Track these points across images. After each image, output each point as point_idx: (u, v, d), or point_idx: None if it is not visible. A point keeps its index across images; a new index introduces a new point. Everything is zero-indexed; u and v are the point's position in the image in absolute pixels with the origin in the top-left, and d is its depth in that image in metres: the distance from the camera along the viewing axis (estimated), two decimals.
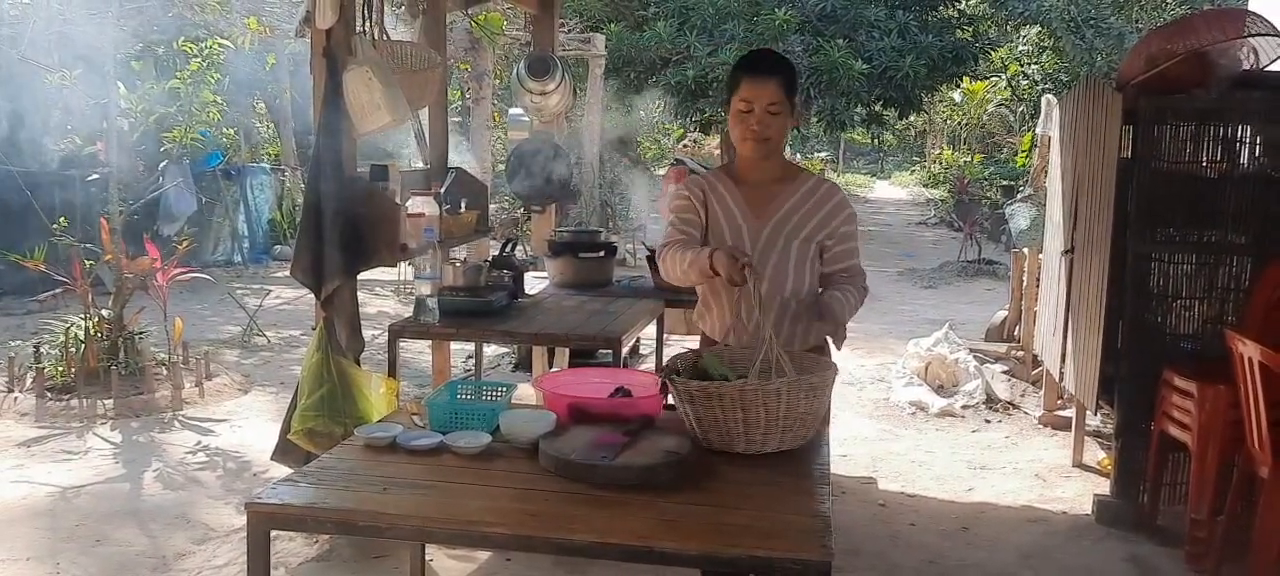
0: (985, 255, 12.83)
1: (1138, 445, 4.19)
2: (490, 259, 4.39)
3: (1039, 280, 6.05)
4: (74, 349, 5.94)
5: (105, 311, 6.13)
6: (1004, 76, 18.79)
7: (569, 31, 10.90)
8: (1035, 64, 17.60)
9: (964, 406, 5.95)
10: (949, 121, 24.17)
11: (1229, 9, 8.29)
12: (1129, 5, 14.75)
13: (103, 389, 5.76)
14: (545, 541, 1.98)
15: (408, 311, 4.09)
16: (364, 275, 4.12)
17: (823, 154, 27.55)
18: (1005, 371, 6.55)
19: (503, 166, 8.42)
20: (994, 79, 19.24)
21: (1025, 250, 7.02)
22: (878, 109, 13.09)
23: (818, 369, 2.44)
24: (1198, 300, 4.18)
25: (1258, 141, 4.16)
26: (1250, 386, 3.40)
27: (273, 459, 3.94)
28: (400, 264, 5.57)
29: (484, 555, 3.74)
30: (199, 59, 7.03)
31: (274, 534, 2.33)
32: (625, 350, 4.18)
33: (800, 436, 2.34)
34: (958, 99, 21.36)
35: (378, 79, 3.61)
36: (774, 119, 2.70)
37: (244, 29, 9.12)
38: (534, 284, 4.70)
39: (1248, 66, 4.24)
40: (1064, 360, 4.93)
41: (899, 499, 4.59)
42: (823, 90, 11.58)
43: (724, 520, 1.97)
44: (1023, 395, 6.20)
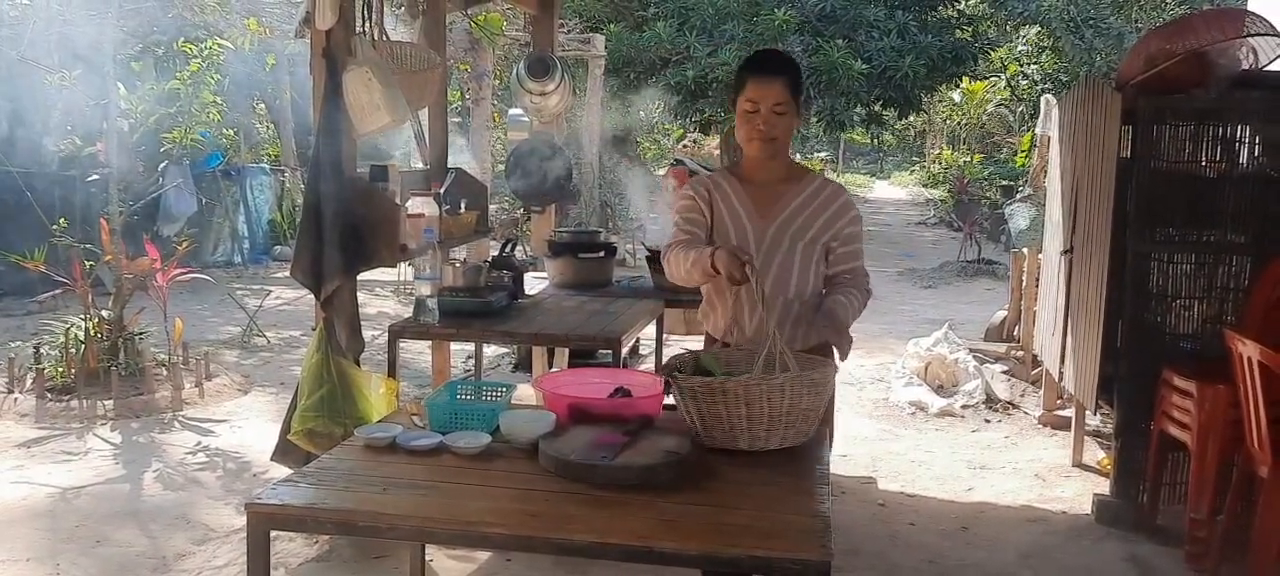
0: (985, 255, 12.83)
1: (1137, 445, 4.20)
2: (490, 259, 4.40)
3: (1038, 280, 6.06)
4: (74, 349, 5.94)
5: (105, 312, 6.13)
6: (1003, 76, 18.80)
7: (569, 32, 10.90)
8: (1034, 64, 17.60)
9: (964, 406, 5.95)
10: (948, 121, 24.18)
11: (1228, 9, 8.29)
12: (1128, 5, 14.74)
13: (103, 389, 5.76)
14: (545, 541, 1.99)
15: (407, 312, 4.09)
16: (364, 276, 4.13)
17: (822, 154, 27.55)
18: (1005, 371, 6.55)
19: (502, 167, 8.42)
20: (993, 79, 19.25)
21: (1025, 250, 7.02)
22: (877, 109, 13.08)
23: (819, 366, 2.44)
24: (1197, 300, 4.19)
25: (1257, 141, 4.16)
26: (1250, 386, 3.40)
27: (273, 459, 3.94)
28: (400, 264, 5.57)
29: (484, 555, 3.75)
30: (199, 60, 7.02)
31: (274, 534, 2.33)
32: (625, 350, 4.18)
33: (803, 433, 2.35)
34: (957, 99, 21.37)
35: (377, 79, 3.61)
36: (779, 119, 2.70)
37: (244, 30, 9.12)
38: (534, 284, 4.71)
39: (1247, 66, 4.24)
40: (1063, 360, 4.94)
41: (899, 499, 4.59)
42: (822, 90, 11.57)
43: (724, 520, 1.98)
44: (1022, 395, 6.20)
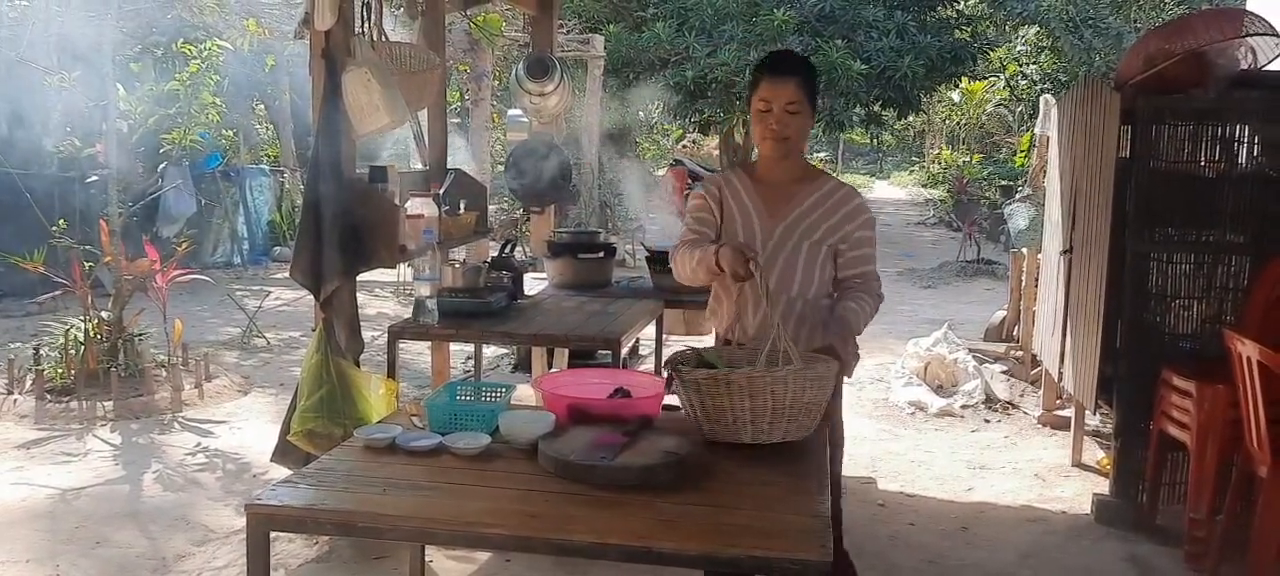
0: (984, 255, 12.84)
1: (1136, 445, 4.20)
2: (489, 260, 4.40)
3: (1038, 280, 6.06)
4: (73, 351, 5.94)
5: (105, 313, 6.13)
6: (1002, 76, 18.81)
7: (568, 32, 10.91)
8: (1034, 64, 17.62)
9: (963, 406, 5.95)
10: (948, 122, 24.19)
11: (1227, 9, 8.31)
12: (1127, 5, 14.76)
13: (102, 391, 5.76)
14: (545, 542, 1.98)
15: (407, 312, 4.09)
16: (363, 276, 4.13)
17: (822, 154, 27.54)
18: (1004, 371, 6.55)
19: (502, 167, 8.42)
20: (992, 79, 19.26)
21: (1024, 250, 7.02)
22: (876, 109, 13.07)
23: (822, 361, 2.44)
24: (1196, 299, 4.19)
25: (1256, 141, 4.17)
26: (1249, 385, 3.41)
27: (272, 460, 3.94)
28: (399, 265, 5.56)
29: (484, 556, 3.74)
30: (198, 61, 7.02)
31: (274, 535, 2.33)
32: (624, 351, 4.18)
33: (805, 427, 2.34)
34: (956, 99, 21.38)
35: (377, 80, 3.62)
36: (793, 118, 2.70)
37: (243, 31, 9.12)
38: (533, 285, 4.71)
39: (1246, 66, 4.25)
40: (1063, 360, 4.94)
41: (898, 499, 4.59)
42: (821, 91, 11.58)
43: (723, 520, 1.97)
44: (1022, 395, 6.20)
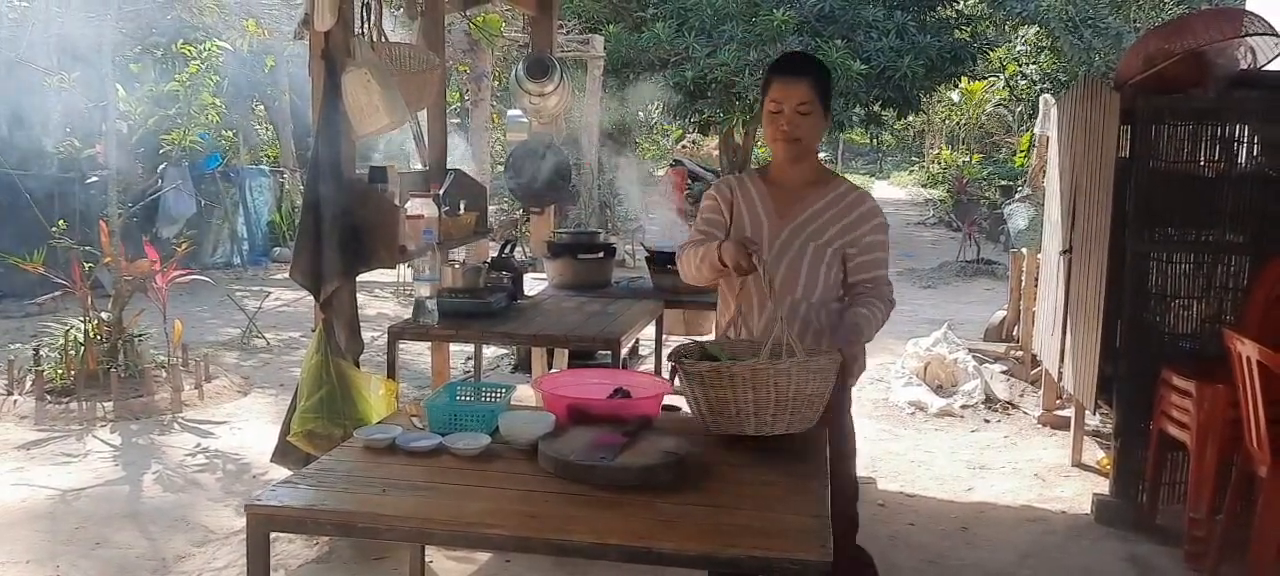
0: (984, 255, 12.84)
1: (1136, 444, 4.20)
2: (489, 260, 4.40)
3: (1037, 280, 6.06)
4: (73, 351, 5.94)
5: (105, 314, 6.13)
6: (1002, 76, 18.81)
7: (568, 33, 10.91)
8: (1033, 64, 17.62)
9: (963, 406, 5.96)
10: (947, 122, 24.17)
11: (1226, 8, 8.31)
12: (1127, 5, 14.76)
13: (102, 391, 5.76)
14: (544, 542, 1.98)
15: (407, 313, 4.09)
16: (363, 277, 4.13)
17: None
18: (1004, 371, 6.55)
19: (502, 168, 8.42)
20: (992, 79, 19.26)
21: (1024, 250, 7.02)
22: (876, 109, 13.08)
23: (824, 353, 2.42)
24: (1196, 299, 4.19)
25: (1255, 141, 4.17)
26: (1249, 385, 3.41)
27: (272, 461, 3.94)
28: (399, 265, 5.56)
29: (483, 556, 3.74)
30: (198, 61, 7.02)
31: (274, 536, 2.33)
32: (624, 351, 4.18)
33: (808, 419, 2.33)
34: (956, 99, 21.38)
35: (376, 81, 3.62)
36: (804, 119, 2.68)
37: (243, 31, 9.11)
38: (533, 285, 4.71)
39: (1245, 66, 4.25)
40: (1063, 360, 4.94)
41: (898, 499, 4.59)
42: None
43: (723, 520, 1.97)
44: (1022, 395, 6.20)
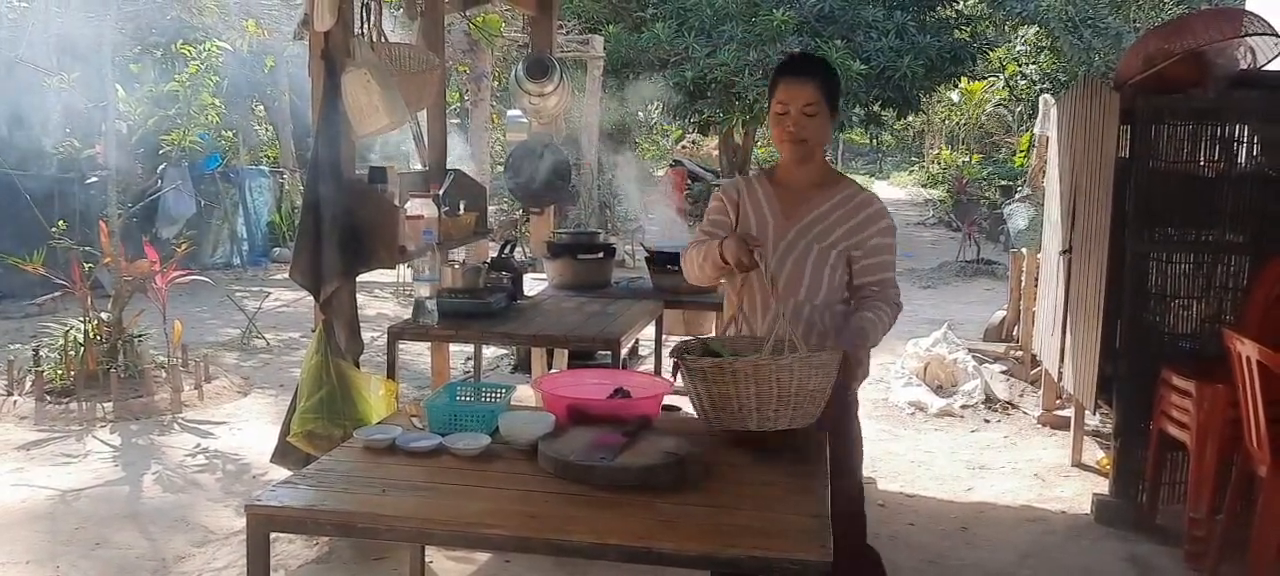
0: (984, 255, 12.83)
1: (1136, 444, 4.20)
2: (489, 260, 4.40)
3: (1037, 280, 6.06)
4: (73, 352, 5.94)
5: (104, 314, 6.13)
6: (1002, 76, 18.82)
7: (567, 33, 10.92)
8: (1033, 64, 17.63)
9: (963, 406, 5.96)
10: (947, 122, 24.19)
11: (1226, 8, 8.31)
12: (1126, 5, 14.77)
13: (102, 392, 5.76)
14: (544, 542, 1.98)
15: (407, 313, 4.09)
16: (363, 277, 4.13)
17: None
18: (1004, 371, 6.55)
19: (501, 168, 8.42)
20: (992, 79, 19.27)
21: (1023, 250, 7.02)
22: (876, 109, 13.09)
23: (826, 349, 2.42)
24: (1196, 299, 4.19)
25: (1255, 140, 4.17)
26: (1248, 385, 3.41)
27: (272, 461, 3.94)
28: (399, 266, 5.56)
29: (483, 556, 3.74)
30: (197, 61, 7.02)
31: (273, 536, 2.33)
32: (624, 351, 4.18)
33: (810, 414, 2.33)
34: (956, 99, 21.39)
35: (376, 81, 3.62)
36: (810, 120, 2.66)
37: (242, 32, 9.11)
38: (533, 285, 4.71)
39: (1245, 66, 4.25)
40: (1062, 360, 4.94)
41: (898, 499, 4.59)
42: None
43: (723, 520, 1.98)
44: (1021, 395, 6.20)
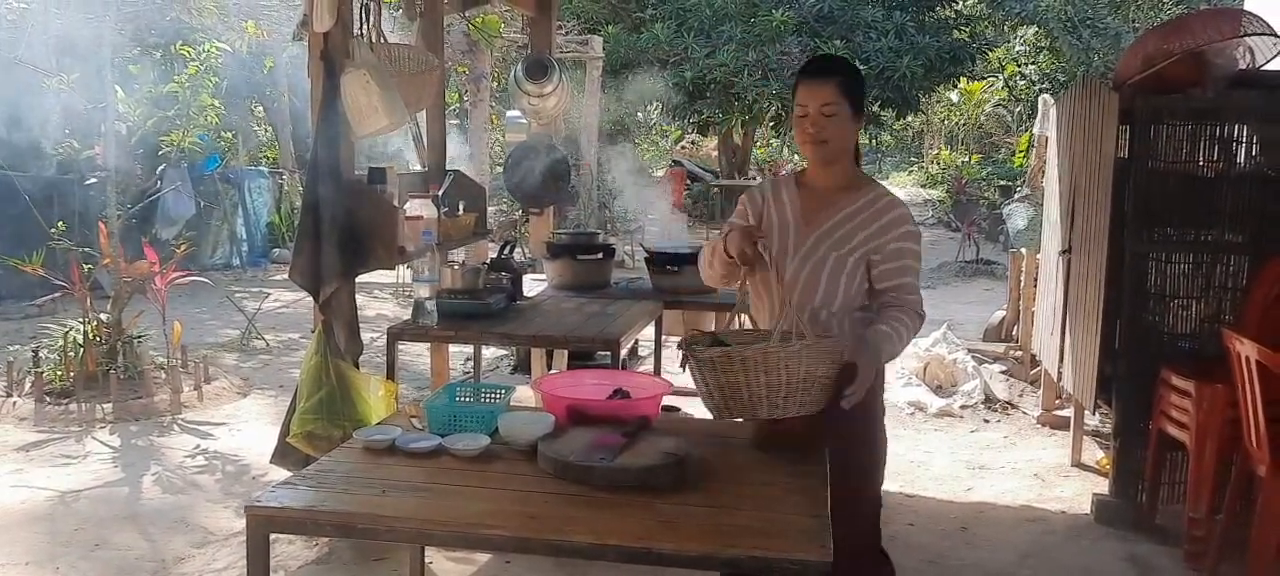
0: (983, 255, 12.83)
1: (1136, 444, 4.20)
2: (489, 261, 4.39)
3: (1037, 280, 6.06)
4: (73, 353, 5.94)
5: (104, 315, 6.13)
6: (1001, 77, 18.83)
7: (567, 33, 10.93)
8: (1032, 64, 17.65)
9: (962, 406, 5.96)
10: (946, 122, 24.19)
11: (1225, 8, 8.31)
12: (1125, 5, 14.78)
13: (101, 393, 5.76)
14: (544, 543, 1.99)
15: (406, 314, 4.09)
16: (362, 278, 4.13)
17: None
18: (1003, 371, 6.55)
19: (501, 169, 8.42)
20: (991, 79, 19.28)
21: (1023, 250, 7.02)
22: (875, 110, 13.09)
23: (833, 338, 2.42)
24: (1195, 299, 4.19)
25: (1254, 140, 4.17)
26: (1248, 385, 3.41)
27: (272, 462, 3.94)
28: (398, 266, 5.56)
29: (483, 557, 3.74)
30: (197, 62, 7.03)
31: (273, 537, 2.33)
32: (624, 352, 4.18)
33: (818, 401, 2.32)
34: (955, 99, 21.39)
35: (375, 82, 3.62)
36: (829, 121, 2.57)
37: (242, 32, 9.11)
38: (532, 286, 4.71)
39: (1244, 66, 4.25)
40: (1062, 360, 4.94)
41: (898, 499, 4.59)
42: None
43: (723, 520, 1.98)
44: (1021, 395, 6.20)
